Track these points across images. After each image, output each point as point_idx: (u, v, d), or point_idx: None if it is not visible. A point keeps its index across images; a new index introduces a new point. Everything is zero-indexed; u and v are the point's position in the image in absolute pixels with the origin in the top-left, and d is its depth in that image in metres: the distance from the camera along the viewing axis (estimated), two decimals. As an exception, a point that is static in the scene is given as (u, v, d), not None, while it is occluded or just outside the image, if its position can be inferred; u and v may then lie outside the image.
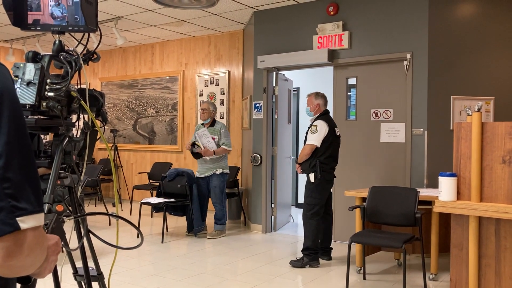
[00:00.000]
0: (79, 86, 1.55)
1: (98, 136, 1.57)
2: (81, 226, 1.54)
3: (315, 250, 4.50)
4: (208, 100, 5.70)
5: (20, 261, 0.81)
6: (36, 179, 0.83)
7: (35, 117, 1.41)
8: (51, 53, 1.49)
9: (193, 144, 5.53)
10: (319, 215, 4.50)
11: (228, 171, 5.69)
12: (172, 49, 7.89)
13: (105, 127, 1.62)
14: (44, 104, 1.38)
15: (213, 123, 5.60)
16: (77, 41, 1.54)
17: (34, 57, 1.48)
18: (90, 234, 1.60)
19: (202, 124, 5.67)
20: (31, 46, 8.12)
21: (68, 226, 1.81)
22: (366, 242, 3.80)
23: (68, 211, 1.49)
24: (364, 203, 4.10)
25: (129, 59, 8.47)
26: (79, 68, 1.49)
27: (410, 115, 4.98)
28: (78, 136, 1.55)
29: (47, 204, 1.29)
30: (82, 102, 1.50)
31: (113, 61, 8.67)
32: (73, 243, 1.62)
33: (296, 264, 4.50)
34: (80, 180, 1.60)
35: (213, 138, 5.54)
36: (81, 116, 1.55)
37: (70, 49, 1.51)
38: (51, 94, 1.39)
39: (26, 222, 0.80)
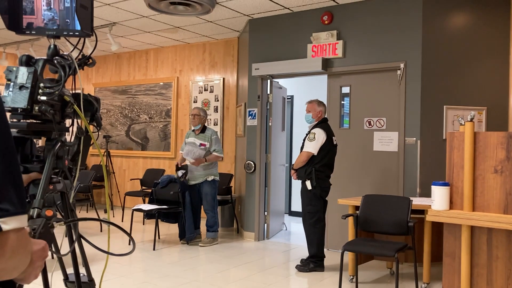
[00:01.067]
0: (74, 91, 1.54)
1: (91, 142, 1.56)
2: (72, 231, 1.53)
3: (321, 257, 4.56)
4: (198, 106, 5.69)
5: (1, 263, 0.80)
6: (19, 181, 0.82)
7: (27, 121, 1.40)
8: (45, 58, 1.49)
9: (178, 169, 5.51)
10: (322, 221, 4.53)
11: (218, 178, 5.68)
12: (167, 56, 7.90)
13: (99, 132, 1.61)
14: (37, 108, 1.37)
15: (203, 129, 5.60)
16: (72, 45, 1.54)
17: (28, 61, 1.47)
18: (82, 239, 1.59)
19: (193, 130, 5.65)
20: (25, 51, 8.09)
21: (60, 232, 1.79)
22: (359, 250, 3.80)
23: (58, 216, 1.48)
24: (357, 212, 4.10)
25: (123, 65, 8.46)
26: (73, 72, 1.48)
27: (403, 124, 5.00)
28: (71, 141, 1.54)
29: (36, 209, 1.28)
30: (75, 106, 1.49)
31: (107, 67, 8.66)
32: (65, 248, 1.61)
33: (302, 269, 4.52)
34: (72, 185, 1.58)
35: (203, 145, 5.53)
36: (76, 121, 1.54)
37: (64, 53, 1.50)
38: (43, 98, 1.38)
39: (8, 224, 0.79)
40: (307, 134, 4.61)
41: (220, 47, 7.25)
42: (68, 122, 1.57)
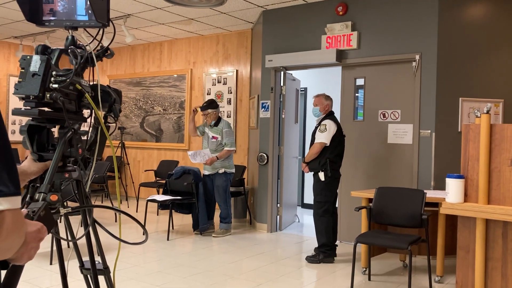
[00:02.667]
0: (92, 82, 1.56)
1: (109, 132, 1.58)
2: (87, 217, 1.55)
3: (331, 246, 4.57)
4: (206, 102, 5.62)
5: None
6: (12, 163, 0.84)
7: (39, 108, 1.41)
8: (61, 48, 1.50)
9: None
10: (330, 212, 4.55)
11: (233, 170, 5.68)
12: (181, 48, 7.91)
13: (116, 123, 1.63)
14: (48, 95, 1.39)
15: (217, 122, 5.60)
16: (92, 36, 1.55)
17: (44, 51, 1.49)
18: (96, 225, 1.62)
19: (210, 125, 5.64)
20: (41, 43, 8.17)
21: (76, 220, 1.82)
22: (372, 242, 3.79)
23: (63, 202, 1.50)
24: (371, 204, 4.10)
25: (137, 57, 8.51)
26: (92, 64, 1.49)
27: (418, 117, 4.96)
28: (90, 131, 1.56)
29: (42, 193, 1.30)
30: (87, 95, 1.50)
31: (121, 59, 8.71)
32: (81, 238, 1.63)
33: (312, 260, 4.55)
34: (85, 174, 1.60)
35: (215, 138, 5.55)
36: (93, 111, 1.56)
37: (80, 43, 1.52)
38: (55, 86, 1.39)
39: (2, 204, 0.81)
40: (316, 127, 4.62)
41: (233, 39, 7.24)
42: (87, 112, 1.59)
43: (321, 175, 4.52)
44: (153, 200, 5.59)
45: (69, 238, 1.64)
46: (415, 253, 4.76)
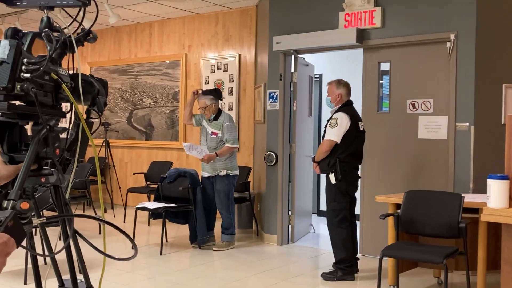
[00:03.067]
0: (72, 71, 1.56)
1: (92, 129, 1.59)
2: (67, 228, 1.56)
3: (350, 262, 4.57)
4: (205, 91, 5.64)
5: None
6: None
7: (8, 102, 1.41)
8: (35, 31, 1.51)
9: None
10: (348, 221, 4.54)
11: (236, 172, 5.70)
12: (173, 29, 7.93)
13: (101, 119, 1.63)
14: (18, 86, 1.39)
15: (217, 115, 5.60)
16: (71, 17, 1.56)
17: (14, 35, 1.49)
18: (78, 238, 1.63)
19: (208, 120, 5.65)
20: (10, 25, 8.21)
21: (55, 232, 1.83)
22: (401, 256, 3.79)
23: (37, 210, 1.50)
24: (398, 211, 4.09)
25: (123, 41, 8.53)
26: (70, 48, 1.50)
27: (454, 107, 4.95)
28: (70, 128, 1.56)
29: (11, 201, 1.30)
30: (64, 86, 1.50)
31: (104, 43, 8.74)
32: (62, 254, 1.64)
33: (329, 277, 4.57)
34: (64, 179, 1.61)
35: (215, 134, 5.55)
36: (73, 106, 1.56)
37: (57, 26, 1.52)
38: (27, 75, 1.39)
39: None
40: (328, 120, 4.62)
41: (235, 18, 7.24)
42: (66, 107, 1.59)
43: (332, 178, 4.54)
44: (143, 208, 5.62)
45: (46, 253, 1.65)
46: (451, 268, 4.74)
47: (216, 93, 5.63)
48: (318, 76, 7.77)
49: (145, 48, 8.27)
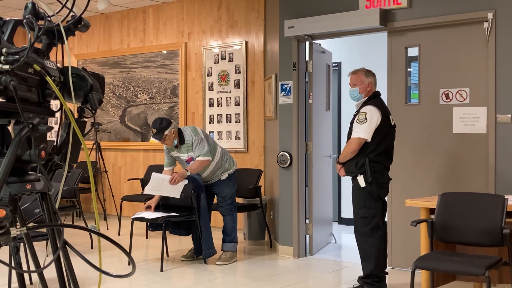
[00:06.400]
0: (62, 64, 1.57)
1: (84, 130, 1.59)
2: (57, 239, 1.57)
3: (380, 277, 4.55)
4: (155, 126, 5.47)
5: None
6: None
7: None
8: (17, 18, 1.52)
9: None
10: (381, 229, 4.54)
11: (235, 167, 5.83)
12: (171, 15, 7.95)
13: (94, 117, 1.64)
14: None
15: (181, 138, 5.57)
16: (61, 3, 1.56)
17: (-7, 23, 1.50)
18: (69, 252, 1.63)
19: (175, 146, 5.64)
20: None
21: (43, 247, 1.84)
22: (436, 268, 3.77)
23: (16, 219, 1.50)
24: (432, 216, 4.08)
25: (113, 29, 8.57)
26: (59, 38, 1.50)
27: (494, 97, 4.92)
28: (60, 128, 1.57)
29: None
30: (48, 78, 1.51)
31: (92, 32, 8.78)
32: (50, 271, 1.65)
33: None
34: (51, 185, 1.62)
35: (190, 159, 5.59)
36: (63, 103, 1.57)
37: (43, 13, 1.53)
38: (6, 67, 1.40)
39: None
40: (355, 115, 4.60)
41: (241, 0, 7.24)
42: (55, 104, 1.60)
43: (361, 180, 4.50)
44: (141, 219, 5.63)
45: (32, 269, 1.66)
46: (494, 281, 4.71)
47: (166, 125, 5.46)
48: (336, 64, 7.75)
49: (139, 37, 8.30)
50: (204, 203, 5.66)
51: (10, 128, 1.57)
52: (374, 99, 4.62)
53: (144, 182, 7.54)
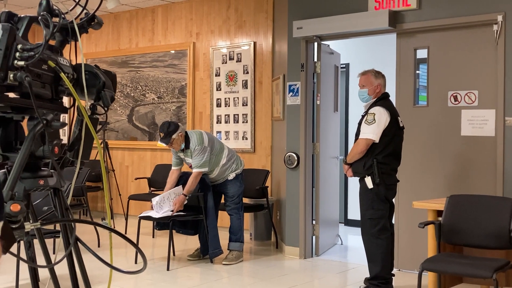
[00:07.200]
0: (77, 61, 1.58)
1: (96, 127, 1.60)
2: (69, 235, 1.58)
3: (386, 279, 4.55)
4: (163, 130, 5.48)
5: None
6: None
7: (1, 93, 1.42)
8: (32, 15, 1.53)
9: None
10: (388, 231, 4.53)
11: (242, 167, 5.84)
12: (179, 14, 7.96)
13: (106, 114, 1.64)
14: (11, 75, 1.40)
15: (187, 142, 5.57)
16: (74, 1, 1.57)
17: (9, 19, 1.51)
18: (80, 249, 1.64)
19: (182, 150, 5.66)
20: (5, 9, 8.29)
21: (49, 243, 1.85)
22: (443, 270, 3.77)
23: (33, 215, 1.52)
24: (440, 218, 4.07)
25: (122, 29, 8.59)
26: (72, 35, 1.51)
27: (503, 99, 4.90)
28: (73, 125, 1.58)
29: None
30: (63, 75, 1.52)
31: (101, 32, 8.79)
32: (62, 268, 1.66)
33: None
34: (64, 181, 1.63)
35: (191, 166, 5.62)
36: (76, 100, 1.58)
37: (58, 10, 1.54)
38: (21, 63, 1.41)
39: None
40: (363, 116, 4.60)
41: (249, 1, 7.25)
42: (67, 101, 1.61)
43: (368, 182, 4.50)
44: (148, 218, 5.65)
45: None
46: (502, 284, 4.70)
47: (173, 130, 5.47)
48: (344, 65, 7.74)
49: (148, 36, 8.32)
50: (211, 202, 5.67)
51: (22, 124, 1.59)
52: (382, 100, 4.62)
53: (152, 181, 7.57)
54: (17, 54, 1.41)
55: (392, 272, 4.68)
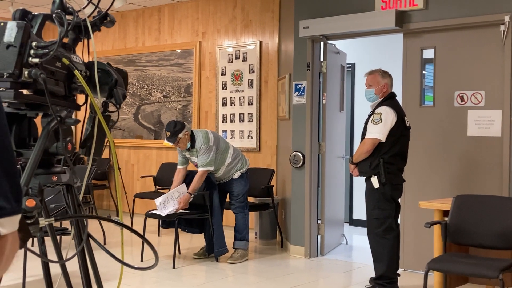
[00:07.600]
0: (90, 59, 1.59)
1: (109, 124, 1.61)
2: (81, 231, 1.59)
3: (392, 279, 4.55)
4: (169, 129, 5.49)
5: None
6: (15, 174, 0.87)
7: (16, 90, 1.43)
8: (46, 13, 1.54)
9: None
10: (394, 231, 4.54)
11: (247, 166, 5.85)
12: (186, 14, 7.98)
13: (119, 111, 1.66)
14: (26, 72, 1.41)
15: (193, 141, 5.58)
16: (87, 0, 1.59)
17: (23, 17, 1.53)
18: (91, 240, 1.66)
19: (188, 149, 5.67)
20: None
21: (64, 243, 1.86)
22: (450, 270, 3.77)
23: (45, 211, 1.53)
24: (446, 218, 4.07)
25: (129, 28, 8.61)
26: (85, 33, 1.53)
27: (509, 99, 4.90)
28: (85, 122, 1.59)
29: None
30: (77, 72, 1.53)
31: (107, 31, 8.82)
32: (72, 264, 1.67)
33: None
34: (76, 178, 1.64)
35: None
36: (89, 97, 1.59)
37: (71, 8, 1.55)
38: (36, 60, 1.42)
39: (5, 226, 0.84)
40: (369, 116, 4.60)
41: (256, 0, 7.26)
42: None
43: (374, 181, 4.50)
44: (153, 216, 5.66)
45: (54, 260, 1.68)
46: (508, 284, 4.69)
47: (179, 128, 5.47)
48: (350, 65, 7.74)
49: (154, 35, 8.33)
50: (216, 201, 5.68)
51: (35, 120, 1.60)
52: (389, 100, 4.61)
53: (157, 180, 7.59)
54: (32, 51, 1.42)
55: (398, 271, 4.68)
